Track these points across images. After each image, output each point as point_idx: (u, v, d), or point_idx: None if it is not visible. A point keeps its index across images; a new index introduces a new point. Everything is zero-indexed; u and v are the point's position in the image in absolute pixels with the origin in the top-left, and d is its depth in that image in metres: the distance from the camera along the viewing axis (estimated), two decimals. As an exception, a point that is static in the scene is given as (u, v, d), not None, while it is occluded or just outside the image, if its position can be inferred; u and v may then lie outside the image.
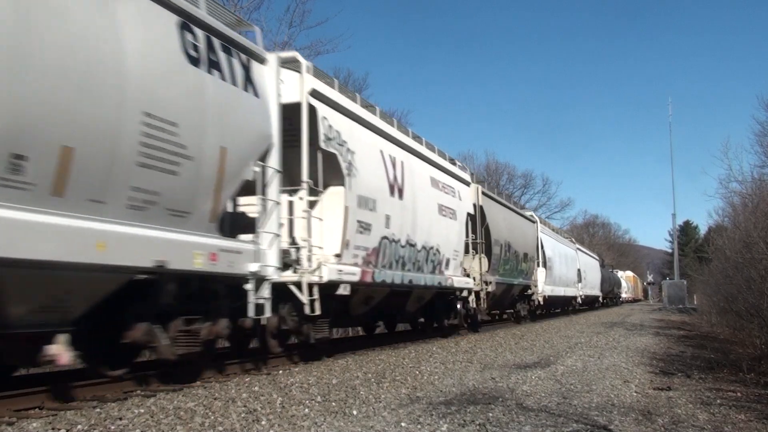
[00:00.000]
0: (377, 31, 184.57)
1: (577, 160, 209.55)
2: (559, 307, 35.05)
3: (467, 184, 17.79)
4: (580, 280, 37.05)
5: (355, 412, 6.26)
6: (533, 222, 27.72)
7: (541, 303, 27.09)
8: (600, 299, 48.97)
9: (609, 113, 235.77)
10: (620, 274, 73.59)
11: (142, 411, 5.77)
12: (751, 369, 9.75)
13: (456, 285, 15.86)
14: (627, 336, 17.40)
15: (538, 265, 27.26)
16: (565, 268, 32.71)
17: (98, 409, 5.83)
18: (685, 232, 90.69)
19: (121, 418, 5.49)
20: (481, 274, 18.09)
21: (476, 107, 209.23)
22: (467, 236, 17.27)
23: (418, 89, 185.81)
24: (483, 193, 19.68)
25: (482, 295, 18.16)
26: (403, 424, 5.65)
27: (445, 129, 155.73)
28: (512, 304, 24.74)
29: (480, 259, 18.36)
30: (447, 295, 16.26)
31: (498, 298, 20.95)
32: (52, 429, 5.15)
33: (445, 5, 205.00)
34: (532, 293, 25.71)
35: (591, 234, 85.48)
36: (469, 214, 17.33)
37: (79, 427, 5.21)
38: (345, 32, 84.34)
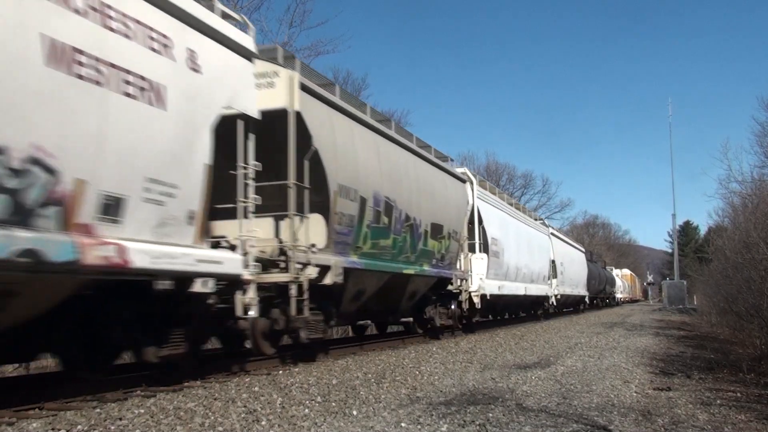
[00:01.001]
0: (377, 31, 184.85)
1: (577, 160, 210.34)
2: (520, 310, 26.79)
3: (247, 56, 8.36)
4: (555, 276, 29.34)
5: (355, 413, 6.27)
6: (463, 181, 17.72)
7: (478, 306, 17.84)
8: (586, 300, 40.36)
9: (609, 114, 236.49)
10: (615, 272, 69.53)
11: (142, 411, 5.77)
12: (751, 369, 9.75)
13: (155, 266, 6.57)
14: (627, 336, 17.39)
15: (475, 250, 18.70)
16: (527, 257, 24.02)
17: (98, 409, 5.83)
18: (685, 232, 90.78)
19: (121, 418, 5.50)
20: (293, 248, 9.26)
21: (476, 108, 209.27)
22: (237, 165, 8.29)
23: (417, 89, 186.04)
24: (305, 88, 9.73)
25: (293, 291, 9.14)
26: (403, 425, 5.65)
27: (444, 129, 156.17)
28: (417, 307, 15.49)
29: (294, 220, 9.38)
30: (142, 291, 6.71)
31: (371, 299, 12.41)
32: (52, 429, 5.15)
33: (445, 6, 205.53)
34: (459, 291, 16.61)
35: (591, 234, 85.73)
36: (247, 119, 8.41)
37: (79, 427, 5.22)
38: (345, 33, 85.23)
